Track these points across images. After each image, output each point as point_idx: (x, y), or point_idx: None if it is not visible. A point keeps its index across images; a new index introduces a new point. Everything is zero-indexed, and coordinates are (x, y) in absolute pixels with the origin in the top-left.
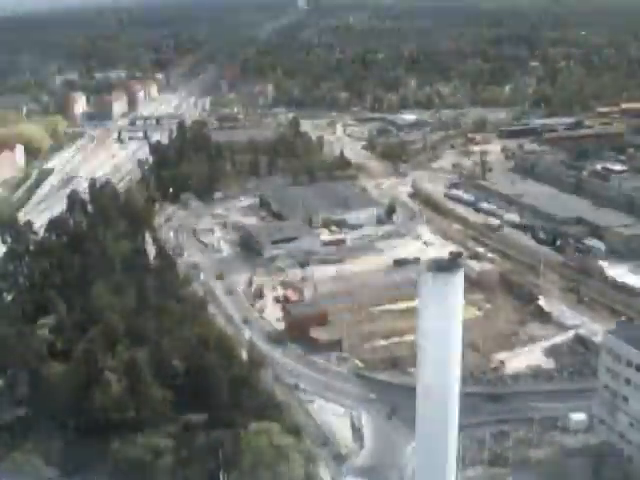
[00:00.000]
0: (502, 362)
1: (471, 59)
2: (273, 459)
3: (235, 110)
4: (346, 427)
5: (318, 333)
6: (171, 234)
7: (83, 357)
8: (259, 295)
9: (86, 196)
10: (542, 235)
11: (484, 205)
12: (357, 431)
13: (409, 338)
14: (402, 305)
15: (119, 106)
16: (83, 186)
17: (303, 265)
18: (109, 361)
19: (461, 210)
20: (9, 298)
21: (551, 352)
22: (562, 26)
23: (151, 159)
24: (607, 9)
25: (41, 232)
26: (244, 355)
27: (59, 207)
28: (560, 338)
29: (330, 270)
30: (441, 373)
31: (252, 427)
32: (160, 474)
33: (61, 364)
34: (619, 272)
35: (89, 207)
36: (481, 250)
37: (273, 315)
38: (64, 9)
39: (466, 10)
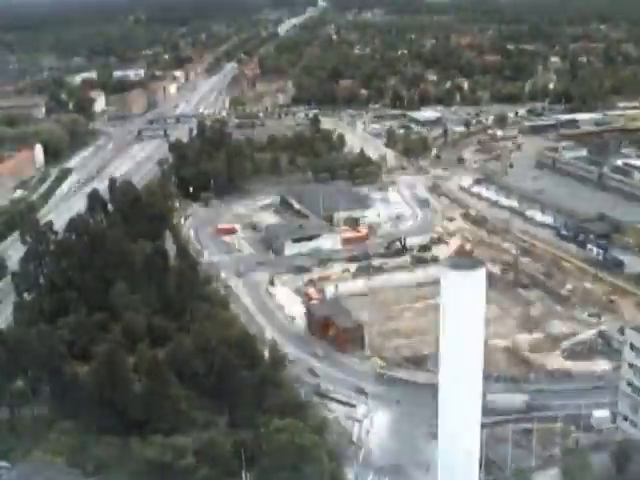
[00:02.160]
0: None
1: (491, 55)
2: (295, 457)
3: (255, 108)
4: (366, 426)
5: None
6: (191, 233)
7: (105, 357)
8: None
9: (106, 195)
10: (564, 231)
11: (506, 202)
12: (376, 430)
13: (431, 336)
14: (424, 304)
15: (138, 105)
16: (103, 185)
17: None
18: (131, 361)
19: (483, 207)
20: (29, 298)
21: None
22: (581, 21)
23: (171, 158)
24: (626, 3)
25: (61, 232)
26: (266, 354)
27: (79, 207)
28: (582, 336)
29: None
30: (463, 371)
31: (274, 425)
32: (182, 475)
33: (82, 364)
34: None
35: (109, 206)
36: (502, 248)
37: (295, 314)
38: (81, 7)
39: (485, 6)
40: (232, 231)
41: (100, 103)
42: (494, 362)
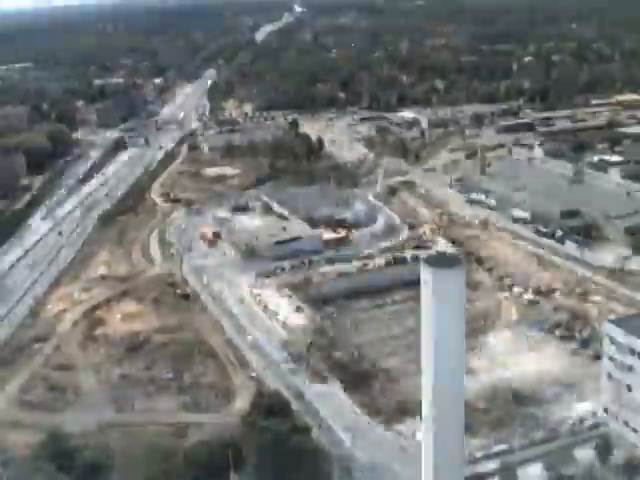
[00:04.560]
0: None
1: (466, 56)
2: (282, 458)
3: (235, 113)
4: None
5: None
6: (174, 237)
7: None
8: None
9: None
10: (542, 228)
11: (485, 200)
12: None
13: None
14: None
15: (119, 112)
16: (87, 194)
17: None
18: None
19: (462, 206)
20: None
21: None
22: (554, 21)
23: (155, 163)
24: (596, 2)
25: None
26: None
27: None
28: None
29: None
30: (445, 366)
31: (261, 425)
32: (170, 475)
33: None
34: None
35: None
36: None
37: (279, 316)
38: (62, 17)
39: (457, 7)
40: (216, 235)
41: (81, 112)
42: None
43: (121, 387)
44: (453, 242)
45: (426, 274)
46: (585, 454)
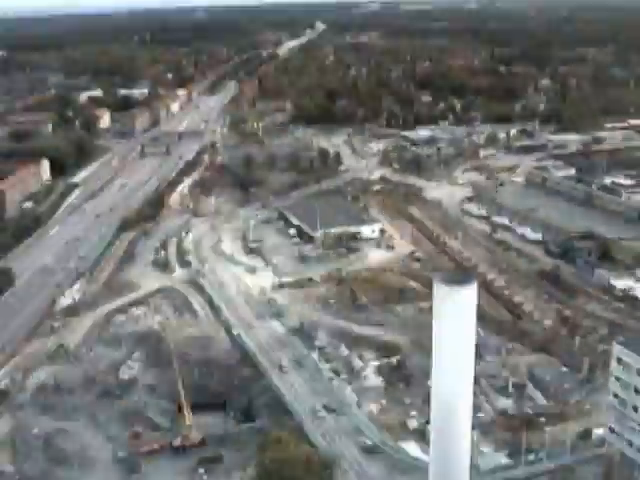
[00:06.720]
0: None
1: (483, 77)
2: (290, 469)
3: (254, 126)
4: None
5: None
6: (192, 246)
7: None
8: None
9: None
10: (553, 248)
11: (497, 219)
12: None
13: None
14: None
15: (142, 122)
16: (106, 200)
17: None
18: None
19: (475, 225)
20: None
21: None
22: (571, 44)
23: (174, 174)
24: (613, 27)
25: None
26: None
27: (84, 220)
28: None
29: None
30: (455, 383)
31: (270, 438)
32: None
33: None
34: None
35: None
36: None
37: None
38: (89, 29)
39: (477, 30)
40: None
41: (105, 120)
42: None
43: None
44: None
45: (437, 290)
46: (591, 473)
